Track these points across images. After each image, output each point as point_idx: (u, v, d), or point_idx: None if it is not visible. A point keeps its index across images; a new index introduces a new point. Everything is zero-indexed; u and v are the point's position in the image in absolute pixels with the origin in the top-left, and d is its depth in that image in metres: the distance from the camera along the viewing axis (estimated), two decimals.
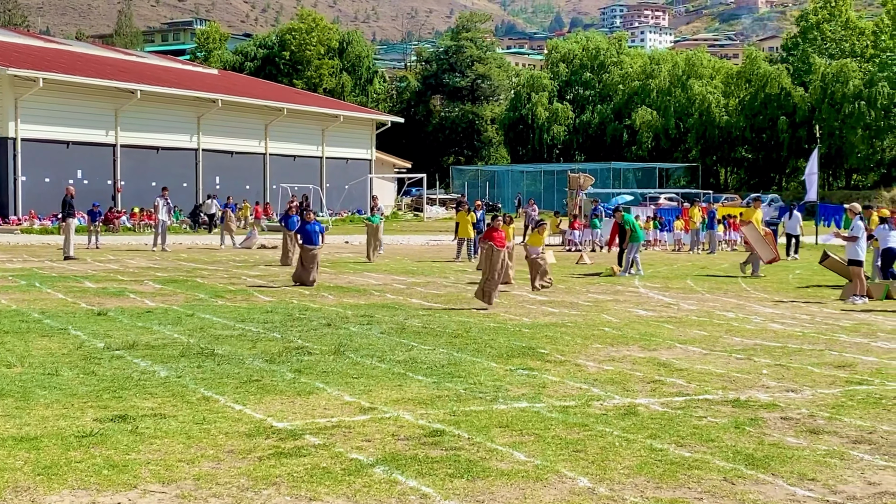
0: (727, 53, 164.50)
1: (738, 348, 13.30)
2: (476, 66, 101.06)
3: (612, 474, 7.13)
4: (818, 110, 76.34)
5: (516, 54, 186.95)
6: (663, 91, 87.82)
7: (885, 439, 8.28)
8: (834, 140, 75.90)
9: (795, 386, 10.64)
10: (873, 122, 75.37)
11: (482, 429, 8.45)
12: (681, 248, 37.80)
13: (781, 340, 14.09)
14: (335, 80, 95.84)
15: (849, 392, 10.32)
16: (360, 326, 14.82)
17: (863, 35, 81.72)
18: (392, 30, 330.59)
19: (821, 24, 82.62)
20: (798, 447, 7.98)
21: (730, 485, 6.91)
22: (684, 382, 10.77)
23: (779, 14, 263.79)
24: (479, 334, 14.16)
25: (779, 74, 79.60)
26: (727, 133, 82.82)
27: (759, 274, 25.48)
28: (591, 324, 15.63)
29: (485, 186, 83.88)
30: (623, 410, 9.30)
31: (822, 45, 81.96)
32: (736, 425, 8.71)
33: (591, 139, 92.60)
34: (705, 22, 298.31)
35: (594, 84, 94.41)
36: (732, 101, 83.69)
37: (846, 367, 11.84)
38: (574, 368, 11.59)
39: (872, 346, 13.60)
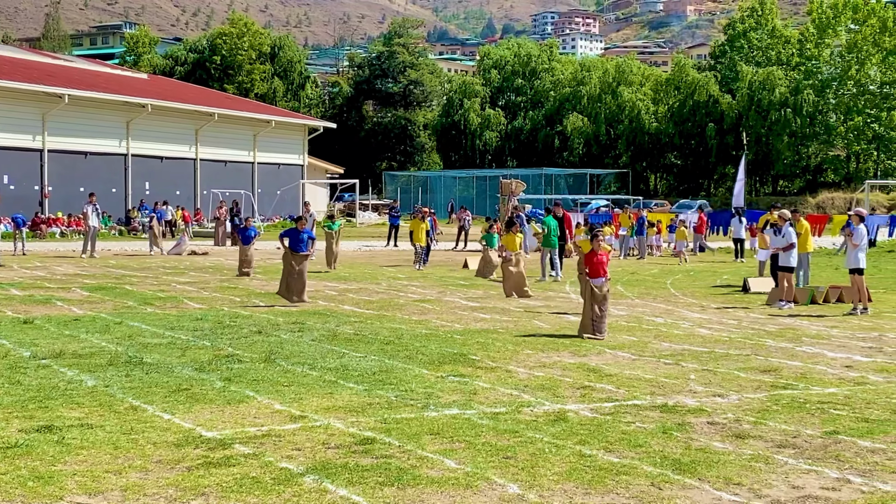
0: (657, 61, 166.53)
1: (667, 353, 13.45)
2: (408, 72, 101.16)
3: (541, 481, 7.17)
4: (745, 117, 77.62)
5: (449, 60, 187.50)
6: (594, 98, 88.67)
7: (808, 443, 8.44)
8: (761, 146, 77.21)
9: (722, 391, 10.79)
10: (799, 129, 76.81)
11: (413, 436, 8.45)
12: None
13: (709, 345, 14.28)
14: (267, 85, 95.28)
15: (774, 396, 10.49)
16: (292, 334, 14.74)
17: (788, 43, 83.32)
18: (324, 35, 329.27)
19: (748, 33, 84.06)
20: (724, 452, 8.10)
21: (657, 490, 6.99)
22: (613, 388, 10.87)
23: (707, 22, 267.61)
24: (410, 341, 14.16)
25: (707, 82, 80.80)
26: (657, 139, 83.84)
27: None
28: (523, 330, 15.71)
29: (417, 192, 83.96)
30: (553, 416, 9.36)
31: (749, 53, 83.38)
32: (664, 430, 8.81)
33: (523, 145, 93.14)
34: (635, 30, 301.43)
35: (526, 90, 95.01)
36: (662, 108, 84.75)
37: (772, 372, 12.04)
38: (505, 375, 11.64)
39: (797, 351, 13.84)
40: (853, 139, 79.29)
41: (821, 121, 78.88)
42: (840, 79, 78.85)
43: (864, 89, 78.21)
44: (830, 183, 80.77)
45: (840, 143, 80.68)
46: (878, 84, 78.11)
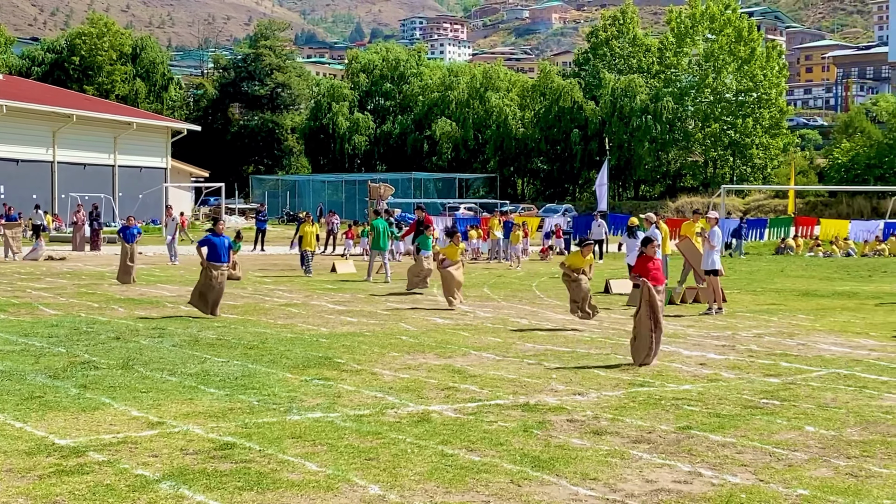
0: (523, 67, 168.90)
1: (531, 354, 13.64)
2: (275, 75, 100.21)
3: (402, 481, 7.20)
4: (608, 123, 79.26)
5: (317, 63, 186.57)
6: (462, 103, 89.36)
7: (662, 438, 8.67)
8: (623, 152, 78.93)
9: (582, 389, 11.00)
10: (659, 135, 78.81)
11: (274, 440, 8.38)
12: (478, 257, 38.44)
13: (571, 346, 14.53)
14: (128, 87, 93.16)
15: (631, 394, 10.75)
16: (151, 339, 14.45)
17: (649, 52, 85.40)
18: (188, 36, 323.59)
19: (610, 41, 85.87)
20: (582, 448, 8.26)
21: (516, 487, 7.08)
22: (477, 388, 10.97)
23: (572, 30, 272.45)
24: (274, 345, 14.03)
25: (571, 88, 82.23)
26: (523, 145, 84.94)
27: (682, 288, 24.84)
28: (389, 332, 15.73)
29: (285, 196, 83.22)
30: (417, 417, 9.40)
31: (611, 61, 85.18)
32: (524, 429, 8.94)
33: (392, 149, 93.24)
34: (502, 36, 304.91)
35: (395, 95, 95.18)
36: (528, 114, 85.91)
37: (630, 370, 12.32)
38: (370, 377, 11.63)
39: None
40: (710, 145, 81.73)
41: (680, 127, 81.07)
42: (698, 87, 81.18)
43: (720, 97, 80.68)
44: (689, 188, 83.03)
45: (698, 149, 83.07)
46: (733, 92, 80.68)
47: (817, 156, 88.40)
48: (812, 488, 7.10)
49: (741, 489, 7.09)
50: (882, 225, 47.04)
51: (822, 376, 11.93)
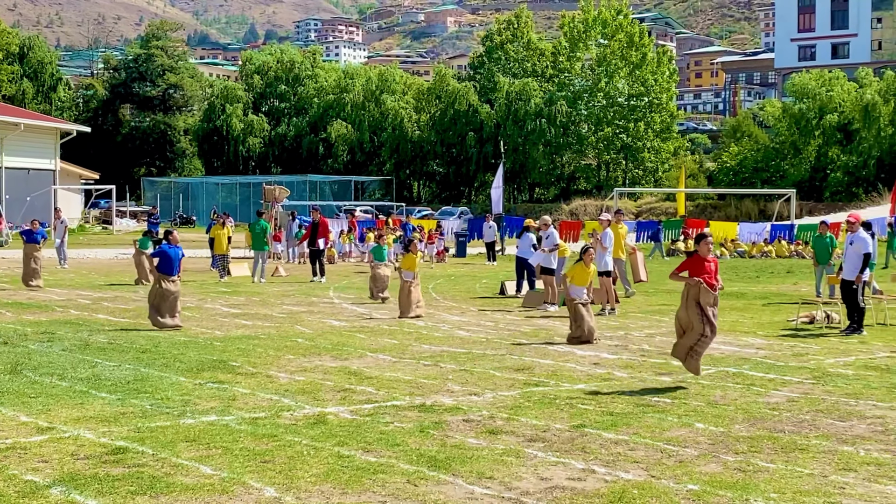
0: (419, 70, 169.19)
1: (427, 355, 13.68)
2: (168, 76, 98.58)
3: (298, 483, 7.16)
4: (503, 127, 79.86)
5: (210, 65, 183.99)
6: (358, 105, 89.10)
7: (557, 437, 8.78)
8: (518, 155, 79.60)
9: (478, 389, 11.07)
10: (553, 138, 79.68)
11: (167, 444, 8.26)
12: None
13: (467, 346, 14.62)
14: (15, 87, 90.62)
15: (526, 393, 10.86)
16: (40, 344, 14.10)
17: (543, 56, 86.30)
18: (78, 36, 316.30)
19: (505, 45, 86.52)
20: (478, 447, 8.32)
21: (413, 487, 7.11)
22: (374, 390, 10.96)
23: (467, 34, 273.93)
24: (168, 349, 13.82)
25: (467, 92, 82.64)
26: (419, 147, 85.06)
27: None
28: (285, 335, 15.61)
29: (178, 198, 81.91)
30: (313, 420, 9.36)
31: (506, 65, 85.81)
32: (421, 429, 8.97)
33: (287, 151, 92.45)
34: (397, 39, 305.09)
35: (289, 97, 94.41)
36: (424, 117, 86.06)
37: (525, 370, 12.45)
38: (265, 380, 11.54)
39: (549, 350, 14.37)
40: (603, 149, 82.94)
41: (573, 131, 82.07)
42: (591, 91, 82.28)
43: (612, 101, 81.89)
44: (583, 190, 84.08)
45: (591, 152, 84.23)
46: (625, 96, 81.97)
47: (707, 159, 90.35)
48: (702, 483, 7.27)
49: (633, 485, 7.23)
50: (769, 227, 48.29)
51: (711, 374, 12.21)
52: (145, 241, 26.41)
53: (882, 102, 70.16)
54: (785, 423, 9.32)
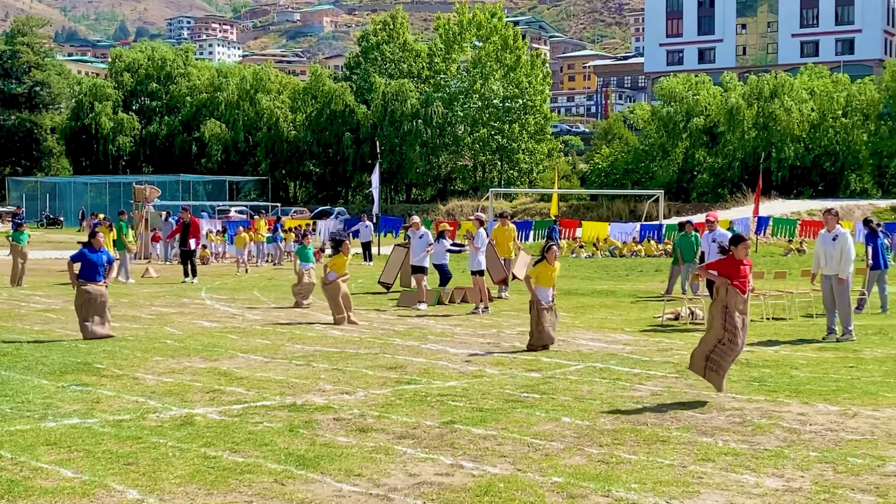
0: (294, 70, 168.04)
1: (299, 355, 13.61)
2: (34, 73, 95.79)
3: (163, 484, 7.05)
4: (380, 127, 79.91)
5: (78, 62, 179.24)
6: (232, 104, 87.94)
7: (427, 433, 8.83)
8: (395, 156, 79.78)
9: (350, 388, 11.06)
10: (430, 139, 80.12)
11: (27, 448, 8.04)
12: (248, 259, 37.98)
13: (340, 346, 14.59)
14: None
15: (398, 391, 10.89)
16: None
17: (419, 57, 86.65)
18: None
19: (381, 45, 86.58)
20: (347, 445, 8.32)
21: (280, 486, 7.07)
22: (244, 390, 10.86)
23: (343, 34, 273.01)
24: (30, 351, 13.44)
25: (343, 92, 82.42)
26: (295, 147, 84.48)
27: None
28: (153, 336, 15.33)
29: (45, 199, 79.64)
30: (179, 421, 9.22)
31: (382, 66, 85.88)
32: (290, 429, 8.92)
33: (159, 151, 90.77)
34: (273, 38, 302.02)
35: (161, 95, 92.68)
36: (300, 117, 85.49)
37: (397, 369, 12.48)
38: (132, 382, 11.32)
39: (422, 349, 14.43)
40: (479, 150, 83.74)
41: (450, 132, 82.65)
42: (467, 92, 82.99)
43: (488, 103, 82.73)
44: (460, 191, 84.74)
45: (467, 153, 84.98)
46: (500, 98, 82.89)
47: (580, 161, 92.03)
48: (566, 475, 7.41)
49: (500, 479, 7.32)
50: (639, 227, 49.39)
51: (579, 370, 12.43)
52: (19, 235, 25.95)
53: (746, 106, 72.43)
54: (648, 416, 9.55)
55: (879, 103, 72.70)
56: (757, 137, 72.04)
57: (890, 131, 71.15)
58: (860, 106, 72.45)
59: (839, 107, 72.34)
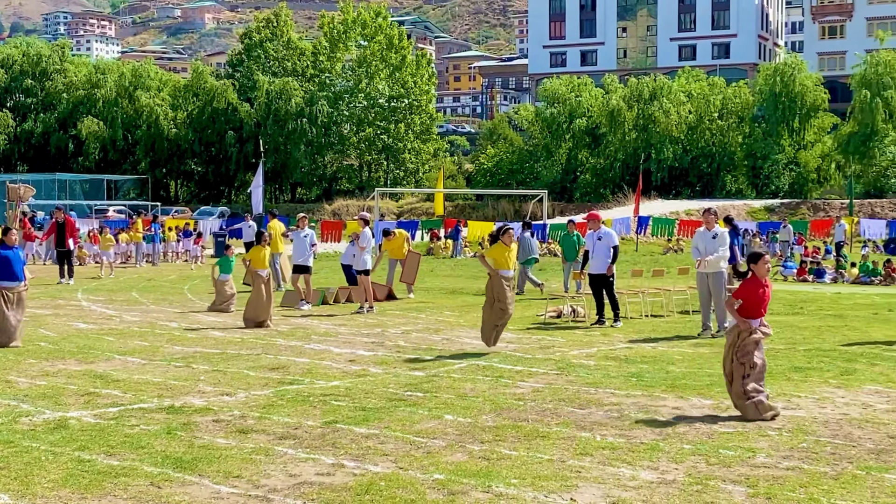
0: (176, 67, 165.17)
1: (179, 357, 13.38)
2: None
3: (35, 489, 6.87)
4: (264, 126, 79.05)
5: None
6: (110, 102, 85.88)
7: (308, 433, 8.78)
8: (279, 155, 79.01)
9: (230, 389, 10.92)
10: (315, 138, 79.58)
11: None
12: (127, 260, 37.22)
13: (221, 347, 14.39)
14: None
15: (280, 392, 10.79)
16: None
17: (304, 55, 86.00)
18: None
19: (264, 43, 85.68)
20: (227, 447, 8.21)
21: (156, 489, 6.94)
22: (120, 393, 10.63)
23: (226, 31, 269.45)
24: None
25: (225, 90, 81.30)
26: (176, 146, 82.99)
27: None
28: (27, 339, 14.88)
29: None
30: (53, 425, 8.99)
31: (265, 64, 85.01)
32: (168, 431, 8.77)
33: (34, 149, 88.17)
34: (153, 34, 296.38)
35: (37, 92, 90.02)
36: (181, 115, 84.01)
37: (280, 369, 12.37)
38: (3, 385, 11.00)
39: (306, 349, 14.34)
40: (365, 149, 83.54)
41: (335, 131, 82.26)
42: (352, 91, 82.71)
43: (374, 102, 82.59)
44: (345, 191, 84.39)
45: (353, 152, 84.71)
46: (386, 98, 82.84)
47: (465, 161, 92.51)
48: (447, 472, 7.44)
49: (381, 477, 7.32)
50: None
51: (462, 368, 12.50)
52: None
53: (626, 108, 73.81)
54: (529, 413, 9.65)
55: (753, 106, 74.87)
56: (637, 139, 73.48)
57: (764, 133, 73.33)
58: (735, 109, 74.52)
59: (715, 109, 74.27)
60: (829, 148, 72.82)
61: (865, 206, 61.22)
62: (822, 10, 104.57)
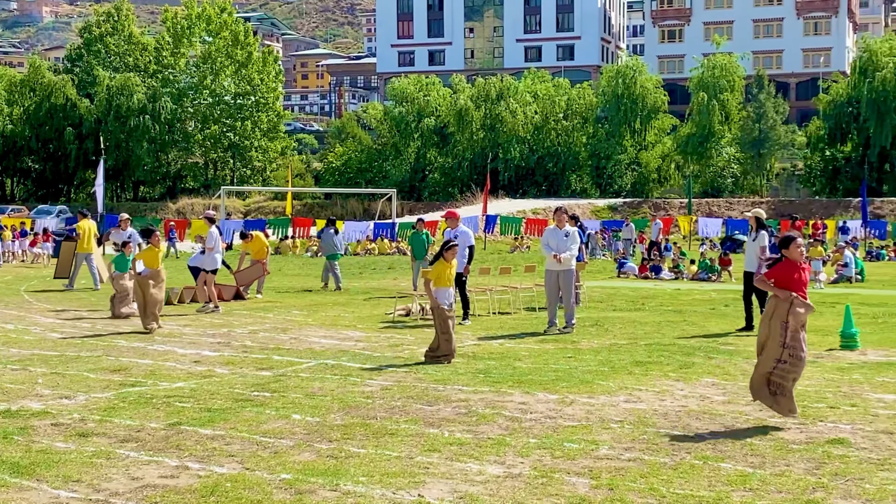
0: (12, 61, 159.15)
1: (15, 359, 12.93)
2: None
3: None
4: (105, 122, 76.88)
5: None
6: None
7: (151, 436, 8.59)
8: (121, 152, 76.94)
9: (70, 392, 10.60)
10: (158, 135, 77.82)
11: None
12: None
13: (60, 349, 13.95)
14: None
15: (122, 394, 10.53)
16: None
17: (146, 51, 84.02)
18: None
19: (105, 37, 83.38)
20: (66, 451, 7.96)
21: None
22: None
23: (65, 25, 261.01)
24: None
25: (64, 85, 78.77)
26: (12, 142, 79.96)
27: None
28: None
29: None
30: None
31: (106, 59, 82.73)
32: (4, 435, 8.46)
33: None
34: None
35: None
36: (17, 110, 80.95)
37: (122, 371, 12.07)
38: None
39: (149, 350, 14.02)
40: (210, 147, 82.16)
41: (179, 128, 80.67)
42: (197, 88, 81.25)
43: (219, 99, 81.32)
44: (190, 189, 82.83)
45: (198, 150, 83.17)
46: (232, 95, 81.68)
47: (314, 159, 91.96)
48: (295, 472, 7.39)
49: (227, 478, 7.21)
50: (372, 225, 49.95)
51: (311, 367, 12.42)
52: None
53: (474, 108, 74.66)
54: (378, 410, 9.66)
55: (597, 107, 76.72)
56: (485, 138, 74.38)
57: (607, 134, 75.19)
58: (579, 109, 76.21)
59: (560, 110, 75.80)
60: (669, 148, 75.19)
61: (703, 206, 63.47)
62: (662, 15, 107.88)
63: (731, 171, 73.88)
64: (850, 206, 60.42)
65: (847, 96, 69.19)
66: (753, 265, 15.73)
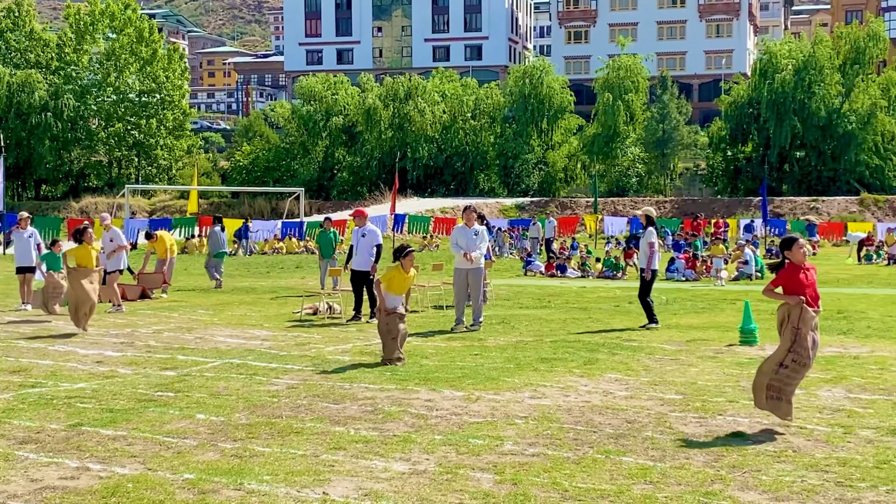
0: None
1: None
2: None
3: None
4: (5, 120, 75.07)
5: None
6: None
7: (51, 437, 8.45)
8: (22, 150, 75.25)
9: None
10: (61, 133, 76.27)
11: None
12: None
13: None
14: None
15: (21, 395, 10.33)
16: None
17: (48, 47, 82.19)
18: None
19: (5, 33, 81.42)
20: None
21: None
22: None
23: None
24: None
25: None
26: None
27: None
28: None
29: None
30: None
31: (6, 55, 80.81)
32: None
33: None
34: None
35: None
36: None
37: (21, 372, 11.84)
38: None
39: (50, 350, 13.77)
40: (114, 145, 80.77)
41: (83, 126, 79.18)
42: (100, 85, 79.82)
43: (123, 97, 79.99)
44: (94, 188, 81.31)
45: (102, 148, 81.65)
46: (136, 92, 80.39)
47: (221, 158, 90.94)
48: (198, 472, 7.34)
49: (128, 479, 7.13)
50: (280, 224, 49.64)
51: (216, 367, 12.32)
52: None
53: (382, 107, 74.58)
54: (283, 409, 9.63)
55: (504, 107, 77.18)
56: (393, 137, 74.33)
57: (514, 134, 75.69)
58: (487, 109, 76.60)
59: (468, 110, 76.09)
60: (575, 148, 75.99)
61: (609, 204, 64.30)
62: (569, 16, 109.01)
63: (636, 170, 74.94)
64: (751, 205, 61.80)
65: (748, 97, 70.66)
66: (643, 261, 16.26)
